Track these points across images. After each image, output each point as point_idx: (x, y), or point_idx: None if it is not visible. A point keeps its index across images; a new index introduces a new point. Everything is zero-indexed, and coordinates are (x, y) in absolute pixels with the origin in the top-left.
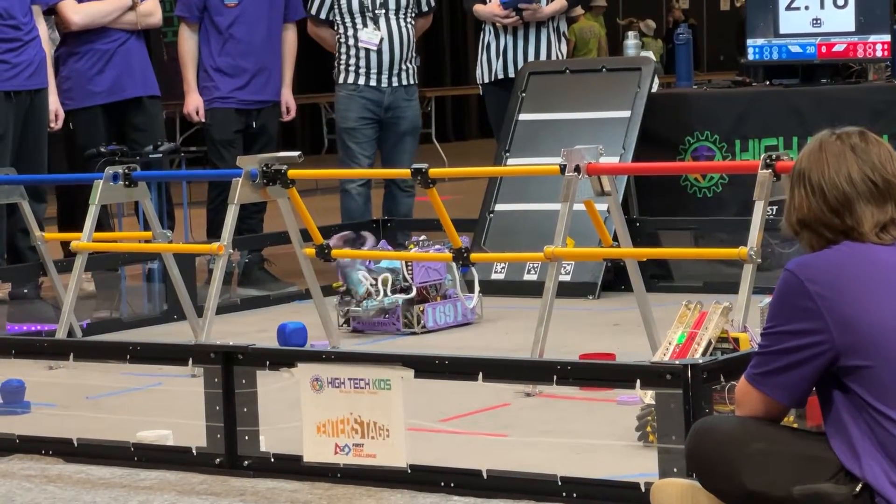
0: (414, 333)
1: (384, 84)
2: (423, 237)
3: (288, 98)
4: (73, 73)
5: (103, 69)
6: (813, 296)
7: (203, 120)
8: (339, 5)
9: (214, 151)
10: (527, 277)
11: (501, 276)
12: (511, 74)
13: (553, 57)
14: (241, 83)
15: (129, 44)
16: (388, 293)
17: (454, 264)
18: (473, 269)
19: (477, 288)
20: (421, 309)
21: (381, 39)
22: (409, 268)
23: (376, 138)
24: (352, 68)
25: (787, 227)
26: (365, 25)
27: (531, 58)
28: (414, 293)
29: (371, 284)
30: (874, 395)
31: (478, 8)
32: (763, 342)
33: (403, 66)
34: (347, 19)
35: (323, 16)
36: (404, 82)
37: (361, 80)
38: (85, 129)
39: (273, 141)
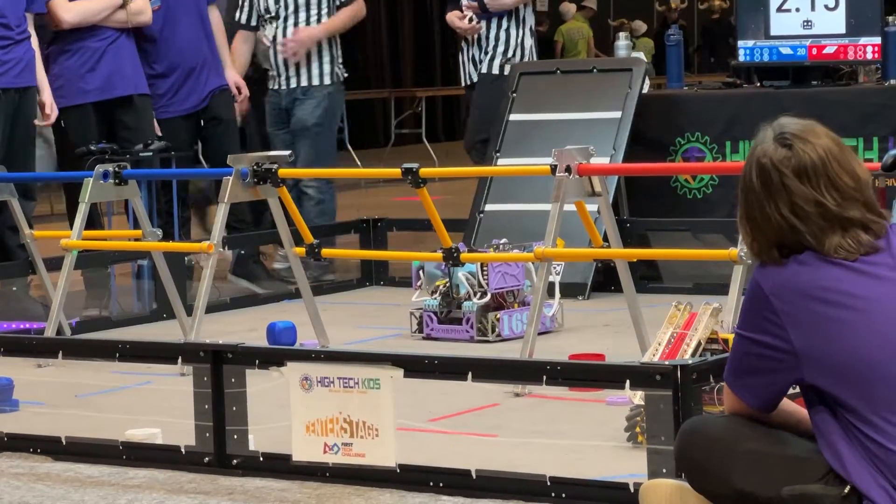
0: (487, 342)
1: (282, 86)
2: (503, 240)
3: (236, 78)
4: (65, 71)
5: (94, 67)
6: (777, 312)
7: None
8: (258, 9)
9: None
10: None
11: None
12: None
13: (525, 54)
14: (182, 83)
15: (120, 42)
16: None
17: (532, 269)
18: (556, 276)
19: (557, 295)
20: (497, 316)
21: (273, 40)
22: (485, 272)
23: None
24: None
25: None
26: (264, 28)
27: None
28: (488, 298)
29: (471, 285)
30: (847, 409)
31: (447, 16)
32: (734, 342)
33: (301, 68)
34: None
35: (244, 21)
36: (303, 83)
37: (271, 85)
38: (76, 127)
39: (231, 126)
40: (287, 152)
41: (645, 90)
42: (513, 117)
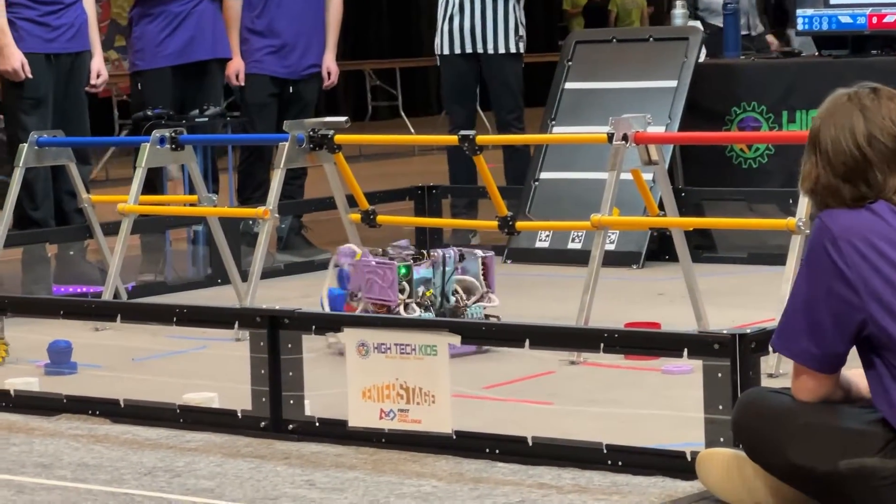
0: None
1: None
2: (403, 241)
3: (330, 63)
4: (145, 34)
5: (174, 31)
6: (844, 253)
7: (241, 84)
8: None
9: (247, 115)
10: (571, 246)
11: (546, 245)
12: (479, 50)
13: (517, 34)
14: (276, 48)
15: (203, 6)
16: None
17: None
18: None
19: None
20: None
21: None
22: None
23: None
24: None
25: (803, 189)
26: None
27: (497, 35)
28: (497, 303)
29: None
30: None
31: None
32: (795, 302)
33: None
34: None
35: None
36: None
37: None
38: (153, 90)
39: (310, 108)
40: (343, 118)
41: (701, 59)
42: (568, 86)
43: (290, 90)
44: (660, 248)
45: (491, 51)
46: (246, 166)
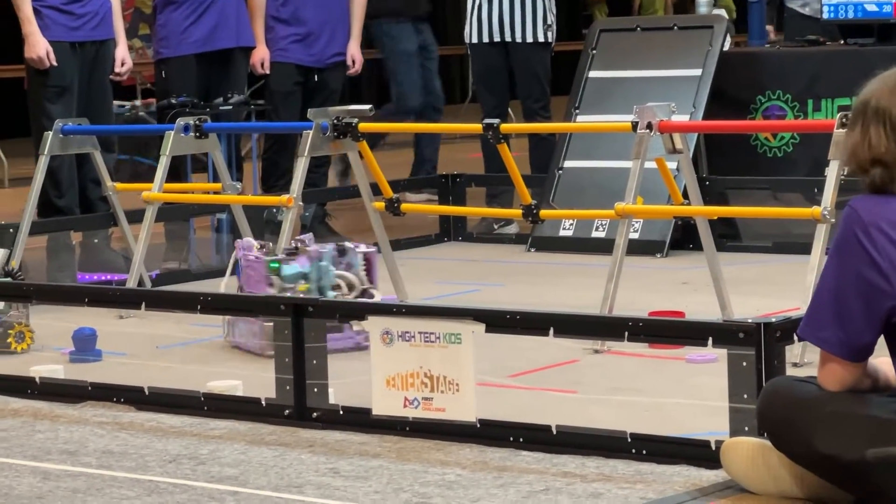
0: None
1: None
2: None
3: (354, 51)
4: (169, 22)
5: (198, 19)
6: (874, 238)
7: (266, 72)
8: None
9: (272, 103)
10: (595, 234)
11: (570, 233)
12: (507, 38)
13: (545, 23)
14: (301, 36)
15: None
16: None
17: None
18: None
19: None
20: None
21: None
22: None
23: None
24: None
25: (853, 164)
26: None
27: (526, 24)
28: (378, 298)
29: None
30: None
31: None
32: (823, 289)
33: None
34: None
35: None
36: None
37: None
38: (176, 78)
39: (335, 96)
40: (368, 106)
41: (726, 48)
42: (592, 74)
43: (315, 78)
44: (683, 237)
45: (519, 39)
46: (270, 154)
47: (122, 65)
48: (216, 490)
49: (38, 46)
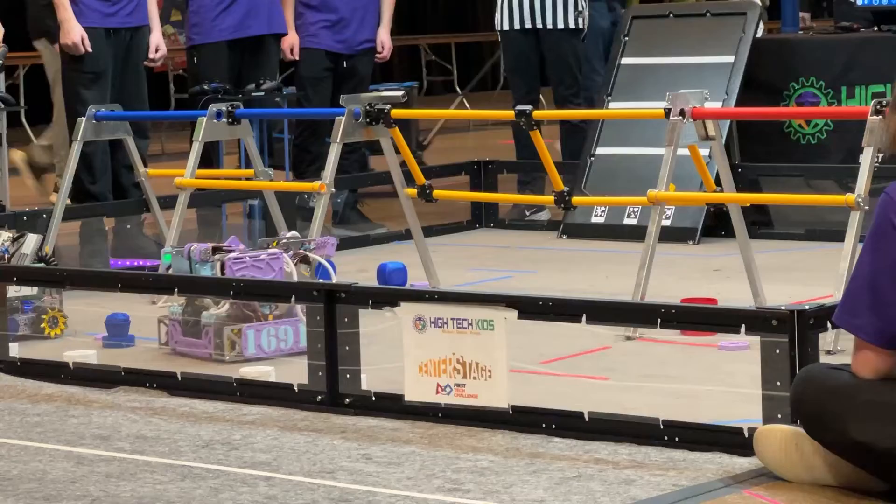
0: (223, 361)
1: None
2: (291, 233)
3: (384, 37)
4: (201, 9)
5: (230, 6)
6: None
7: (296, 58)
8: None
9: (301, 89)
10: (627, 221)
11: (601, 220)
12: (539, 25)
13: (576, 9)
14: (331, 22)
15: None
16: None
17: (294, 273)
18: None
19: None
20: (236, 331)
21: None
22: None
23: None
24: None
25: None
26: None
27: (557, 10)
28: (227, 307)
29: None
30: None
31: None
32: (859, 274)
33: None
34: None
35: None
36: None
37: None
38: (209, 65)
39: (365, 82)
40: (401, 92)
41: (759, 34)
42: (624, 61)
43: (345, 65)
44: (715, 224)
45: (550, 26)
46: (300, 141)
47: (157, 51)
48: (249, 475)
49: (74, 33)
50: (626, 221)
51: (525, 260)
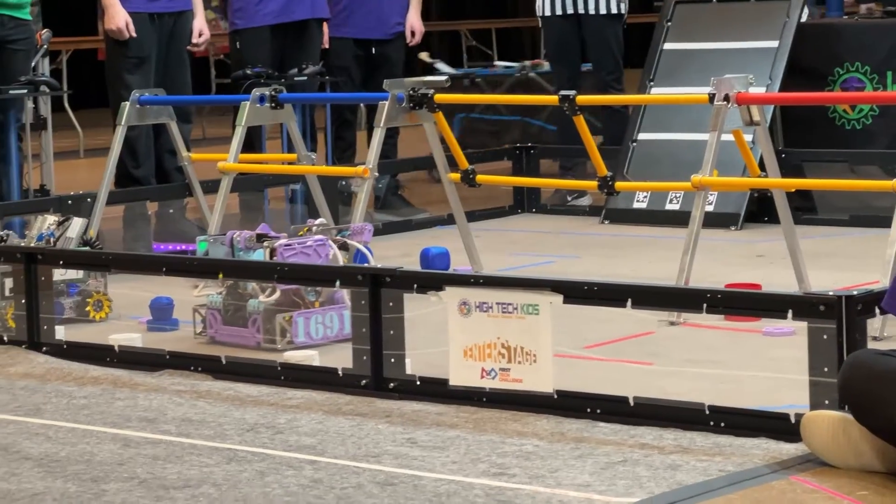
0: (275, 349)
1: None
2: (319, 220)
3: (414, 21)
4: None
5: None
6: None
7: (327, 46)
8: None
9: (331, 76)
10: (669, 207)
11: (644, 205)
12: (580, 10)
13: None
14: (359, 8)
15: None
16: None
17: (340, 257)
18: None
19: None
20: (287, 318)
21: None
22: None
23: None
24: None
25: None
26: None
27: None
28: (278, 295)
29: None
30: None
31: None
32: None
33: None
34: None
35: None
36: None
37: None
38: (252, 49)
39: (398, 67)
40: (444, 77)
41: (804, 19)
42: (667, 46)
43: (373, 51)
44: (758, 210)
45: (592, 11)
46: (335, 127)
47: (200, 35)
48: (294, 459)
49: (118, 17)
50: (669, 207)
51: (567, 245)
